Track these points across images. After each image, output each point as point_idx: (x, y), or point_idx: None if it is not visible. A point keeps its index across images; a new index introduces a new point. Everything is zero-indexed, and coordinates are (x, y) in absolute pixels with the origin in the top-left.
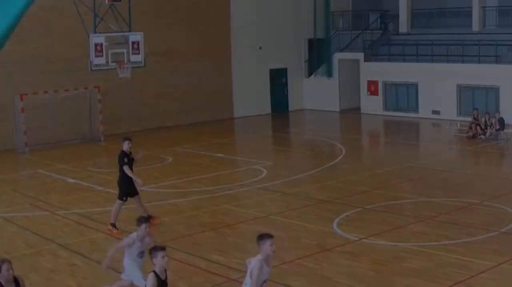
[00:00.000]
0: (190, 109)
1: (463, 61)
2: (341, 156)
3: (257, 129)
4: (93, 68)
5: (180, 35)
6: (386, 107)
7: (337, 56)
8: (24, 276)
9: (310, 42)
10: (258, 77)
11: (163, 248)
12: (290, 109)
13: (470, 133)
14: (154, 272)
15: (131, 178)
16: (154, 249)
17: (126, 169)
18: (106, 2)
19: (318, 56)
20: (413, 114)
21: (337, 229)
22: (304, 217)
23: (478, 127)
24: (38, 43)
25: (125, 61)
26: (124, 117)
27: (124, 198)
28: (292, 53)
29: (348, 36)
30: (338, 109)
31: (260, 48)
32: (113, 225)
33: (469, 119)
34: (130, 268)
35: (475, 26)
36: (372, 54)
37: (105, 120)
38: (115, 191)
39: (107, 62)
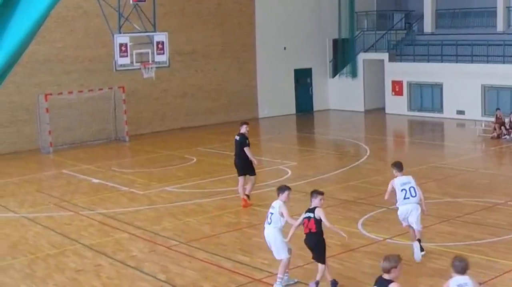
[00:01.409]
0: (214, 109)
1: (487, 62)
2: (366, 156)
3: (281, 130)
4: (117, 68)
5: (204, 35)
6: (410, 108)
7: (362, 57)
8: (49, 276)
9: (335, 42)
10: (283, 77)
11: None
12: (314, 109)
13: (495, 134)
14: None
15: (248, 158)
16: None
17: (247, 149)
18: (131, 2)
19: (342, 56)
20: (437, 115)
21: (362, 229)
22: (328, 217)
23: (502, 127)
24: (62, 43)
25: (150, 61)
26: (148, 118)
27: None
28: (316, 54)
29: (372, 36)
30: (362, 110)
31: (285, 48)
32: (248, 196)
33: (493, 119)
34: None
35: (500, 26)
36: (396, 54)
37: (130, 120)
38: (140, 191)
39: (132, 62)
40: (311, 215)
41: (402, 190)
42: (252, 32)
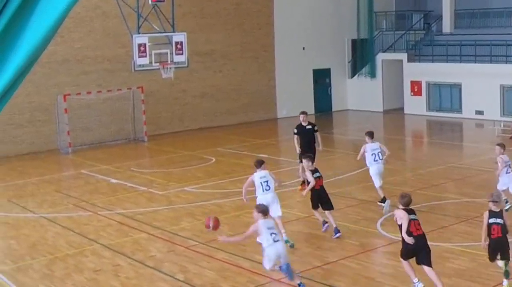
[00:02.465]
0: (233, 109)
1: (506, 62)
2: (384, 156)
3: None
4: (136, 68)
5: (223, 36)
6: (429, 108)
7: (381, 57)
8: (68, 276)
9: (354, 42)
10: (302, 77)
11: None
12: (333, 109)
13: None
14: None
15: (308, 144)
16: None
17: (295, 138)
18: (150, 2)
19: (361, 56)
20: (456, 115)
21: (380, 229)
22: (347, 217)
23: None
24: (81, 43)
25: (169, 62)
26: (167, 118)
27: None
28: (335, 54)
29: (391, 36)
30: (381, 110)
31: (303, 48)
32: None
33: None
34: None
35: None
36: (415, 55)
37: (148, 121)
38: (158, 191)
39: (151, 62)
40: (319, 174)
41: (372, 154)
42: (271, 32)
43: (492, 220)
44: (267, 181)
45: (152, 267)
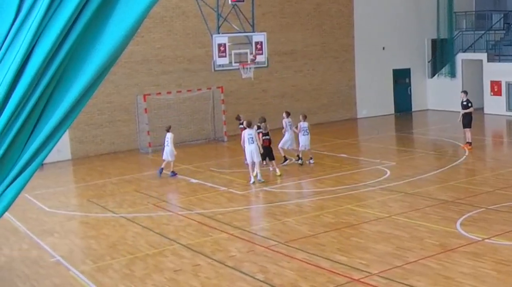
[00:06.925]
0: (313, 109)
1: None
2: (464, 156)
3: (380, 130)
4: (216, 68)
5: (303, 36)
6: (509, 108)
7: (460, 57)
8: (148, 276)
9: (434, 42)
10: (381, 77)
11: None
12: (413, 109)
13: None
14: None
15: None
16: None
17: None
18: (230, 2)
19: (441, 56)
20: None
21: (460, 229)
22: (427, 217)
23: None
24: (161, 43)
25: (249, 62)
26: (247, 118)
27: None
28: (415, 54)
29: (471, 36)
30: (461, 110)
31: (383, 48)
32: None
33: None
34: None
35: None
36: (495, 55)
37: (228, 120)
38: (238, 191)
39: (230, 62)
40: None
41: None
42: (351, 32)
43: None
44: (252, 136)
45: (232, 267)
